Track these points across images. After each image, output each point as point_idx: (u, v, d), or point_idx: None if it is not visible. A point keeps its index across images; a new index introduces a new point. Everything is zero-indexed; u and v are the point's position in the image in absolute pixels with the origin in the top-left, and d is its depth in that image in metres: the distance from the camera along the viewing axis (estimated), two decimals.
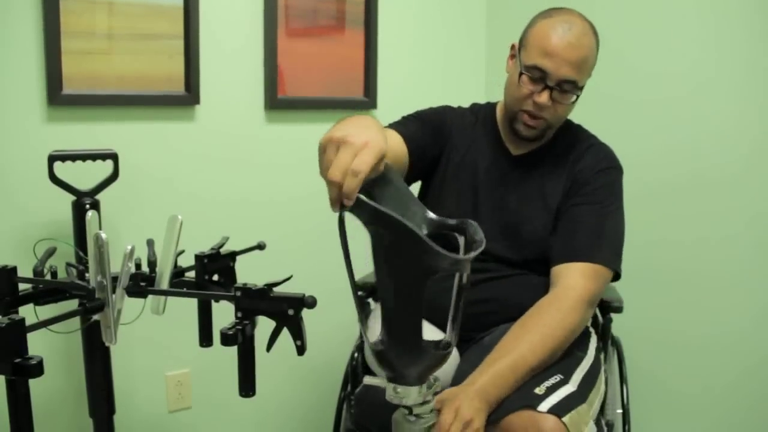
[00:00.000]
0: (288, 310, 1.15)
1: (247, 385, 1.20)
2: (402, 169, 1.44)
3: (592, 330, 1.53)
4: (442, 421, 1.09)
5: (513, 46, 1.48)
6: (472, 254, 0.92)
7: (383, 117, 2.16)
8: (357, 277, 1.01)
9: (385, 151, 0.91)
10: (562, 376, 1.25)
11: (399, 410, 1.08)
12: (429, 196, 1.57)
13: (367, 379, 1.07)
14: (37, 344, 1.10)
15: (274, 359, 1.21)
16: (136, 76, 1.79)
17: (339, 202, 0.88)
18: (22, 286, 1.35)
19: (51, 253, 1.42)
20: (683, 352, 1.96)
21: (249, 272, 1.39)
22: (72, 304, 1.26)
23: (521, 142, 1.51)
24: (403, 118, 1.55)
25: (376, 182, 0.99)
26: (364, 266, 1.02)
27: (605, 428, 1.27)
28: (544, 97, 1.38)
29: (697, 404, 1.95)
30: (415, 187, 1.61)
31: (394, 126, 1.48)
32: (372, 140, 0.89)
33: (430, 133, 1.51)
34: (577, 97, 1.42)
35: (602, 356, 1.49)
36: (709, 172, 1.85)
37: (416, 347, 0.97)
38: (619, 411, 1.59)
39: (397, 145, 1.40)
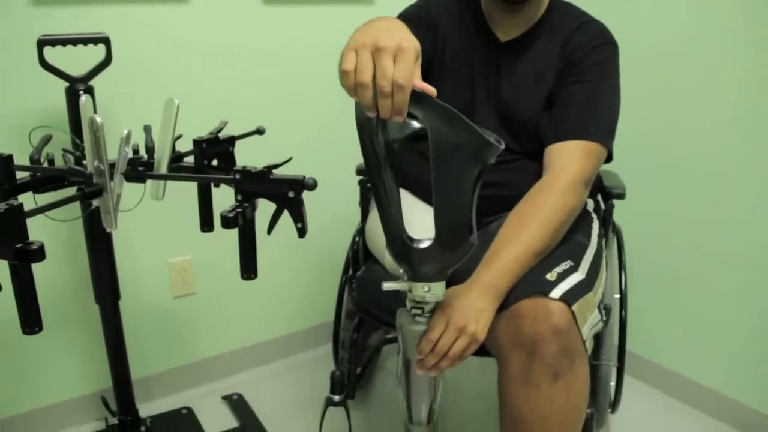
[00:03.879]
0: (288, 193, 1.14)
1: (248, 268, 1.21)
2: None
3: (594, 216, 1.53)
4: (433, 330, 1.09)
5: None
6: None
7: (382, 11, 2.09)
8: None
9: (419, 49, 0.90)
10: (572, 263, 1.25)
11: (404, 313, 1.10)
12: None
13: (386, 285, 1.07)
14: (40, 233, 1.10)
15: (276, 244, 1.22)
16: None
17: (390, 113, 0.88)
18: (19, 175, 1.34)
19: (47, 140, 1.40)
20: (682, 236, 1.98)
21: (248, 161, 1.37)
22: (71, 192, 1.25)
23: (509, 27, 1.44)
24: None
25: None
26: None
27: (603, 312, 1.29)
28: None
29: (693, 288, 1.98)
30: None
31: None
32: (404, 41, 0.87)
33: (425, 32, 1.44)
34: None
35: (603, 242, 1.49)
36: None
37: (465, 242, 1.00)
38: (617, 296, 1.62)
39: None
